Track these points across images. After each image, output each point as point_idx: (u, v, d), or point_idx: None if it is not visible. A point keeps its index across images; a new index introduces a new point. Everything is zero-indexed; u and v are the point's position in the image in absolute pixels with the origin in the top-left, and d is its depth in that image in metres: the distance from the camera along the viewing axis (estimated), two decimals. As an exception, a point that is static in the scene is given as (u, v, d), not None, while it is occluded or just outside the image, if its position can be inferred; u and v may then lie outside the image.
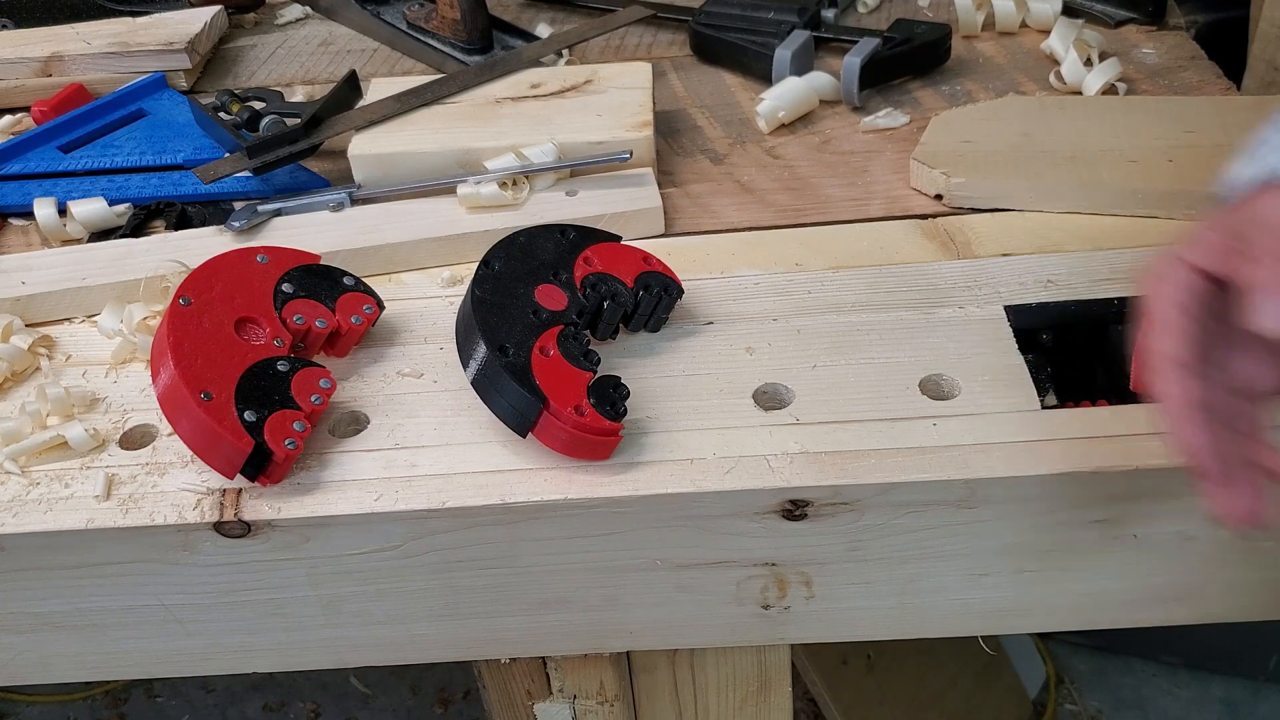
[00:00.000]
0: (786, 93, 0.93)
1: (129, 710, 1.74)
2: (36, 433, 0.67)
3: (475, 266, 0.67)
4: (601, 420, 0.61)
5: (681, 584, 0.65)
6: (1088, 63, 0.93)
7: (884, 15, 1.08)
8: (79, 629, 0.67)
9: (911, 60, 0.96)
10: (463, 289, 0.74)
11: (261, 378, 0.63)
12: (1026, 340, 0.69)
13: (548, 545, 0.63)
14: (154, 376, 0.63)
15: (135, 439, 0.67)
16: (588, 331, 0.68)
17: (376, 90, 0.91)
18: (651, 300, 0.70)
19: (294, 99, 0.99)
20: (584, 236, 0.72)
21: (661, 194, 0.82)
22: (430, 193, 0.83)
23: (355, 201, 0.83)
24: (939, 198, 0.81)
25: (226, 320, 0.65)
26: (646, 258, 0.72)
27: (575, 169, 0.83)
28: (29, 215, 0.88)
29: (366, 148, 0.85)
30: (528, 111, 0.87)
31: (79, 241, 0.85)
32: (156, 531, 0.62)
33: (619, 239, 0.73)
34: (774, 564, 0.64)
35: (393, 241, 0.79)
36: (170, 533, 0.62)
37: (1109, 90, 0.91)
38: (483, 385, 0.63)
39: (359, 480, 0.63)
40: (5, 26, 1.15)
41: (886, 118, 0.92)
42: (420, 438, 0.65)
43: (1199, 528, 0.62)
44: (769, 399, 0.66)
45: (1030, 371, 0.66)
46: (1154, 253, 0.55)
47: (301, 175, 0.88)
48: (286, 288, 0.69)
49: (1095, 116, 0.86)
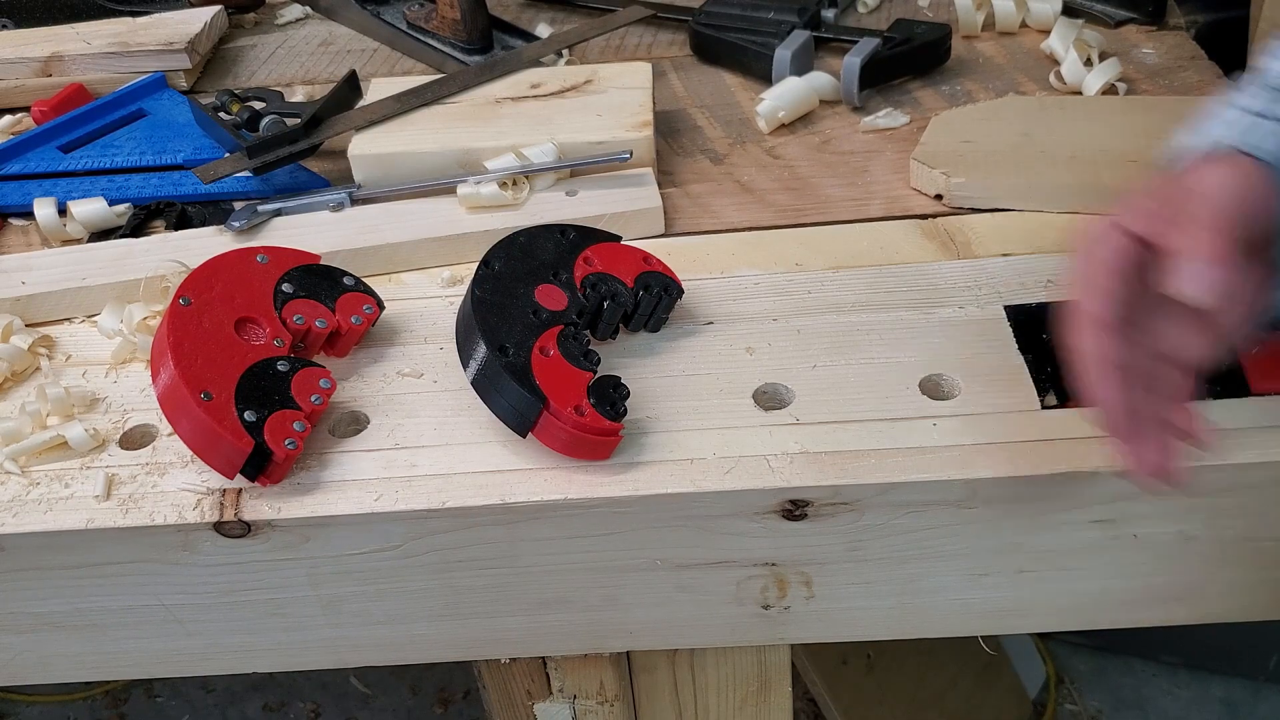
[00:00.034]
0: (786, 93, 0.93)
1: (129, 710, 1.74)
2: (36, 433, 0.67)
3: (475, 266, 0.67)
4: (601, 420, 0.61)
5: (681, 584, 0.65)
6: (1088, 63, 0.93)
7: (884, 15, 1.08)
8: (79, 629, 0.67)
9: (911, 60, 0.96)
10: (463, 289, 0.74)
11: (261, 378, 0.63)
12: (1026, 340, 0.69)
13: (548, 545, 0.63)
14: (154, 376, 0.63)
15: (135, 439, 0.67)
16: (588, 331, 0.68)
17: (376, 90, 0.91)
18: (651, 300, 0.70)
19: (294, 99, 0.99)
20: (584, 236, 0.72)
21: (661, 194, 0.82)
22: (430, 193, 0.83)
23: (355, 201, 0.83)
24: (939, 198, 0.81)
25: (226, 320, 0.65)
26: (646, 258, 0.72)
27: (575, 169, 0.83)
28: (29, 215, 0.88)
29: (366, 148, 0.85)
30: (528, 111, 0.87)
31: (79, 241, 0.85)
32: (156, 531, 0.62)
33: (619, 239, 0.73)
34: (774, 564, 0.64)
35: (393, 241, 0.79)
36: (170, 533, 0.62)
37: (1109, 90, 0.91)
38: (483, 385, 0.63)
39: (359, 480, 0.63)
40: (5, 26, 1.15)
41: (886, 118, 0.92)
42: (420, 438, 0.65)
43: (1199, 528, 0.62)
44: (769, 399, 0.66)
45: (1030, 371, 0.66)
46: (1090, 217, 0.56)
47: (301, 175, 0.88)
48: (286, 288, 0.69)
49: (1095, 116, 0.86)
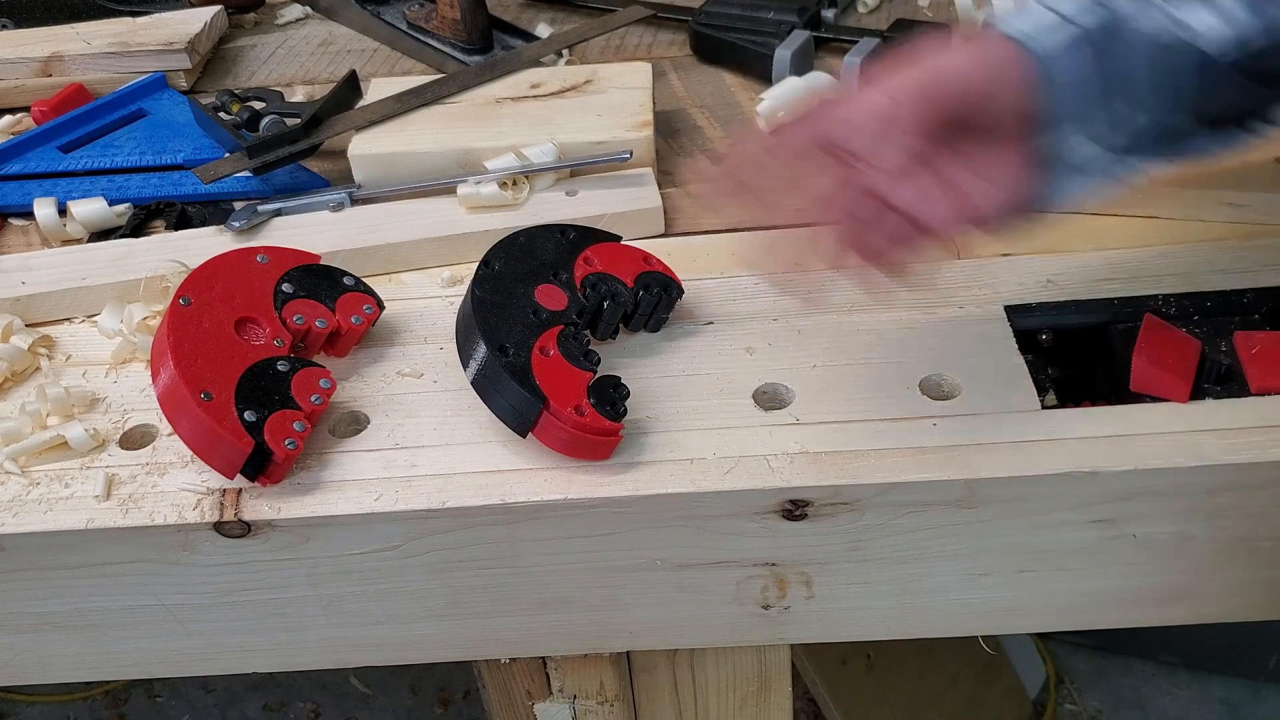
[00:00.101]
0: (786, 93, 0.93)
1: (129, 710, 1.74)
2: (36, 433, 0.67)
3: (475, 266, 0.67)
4: (601, 420, 0.61)
5: (681, 584, 0.65)
6: (1088, 63, 0.93)
7: (884, 15, 1.08)
8: (79, 629, 0.67)
9: (911, 60, 0.96)
10: (463, 289, 0.74)
11: (261, 378, 0.63)
12: (1026, 340, 0.69)
13: (548, 545, 0.63)
14: (154, 376, 0.63)
15: (135, 439, 0.67)
16: (588, 331, 0.68)
17: (376, 90, 0.91)
18: (651, 300, 0.70)
19: (294, 99, 0.99)
20: (584, 236, 0.72)
21: (661, 194, 0.82)
22: (430, 193, 0.83)
23: (355, 201, 0.83)
24: (939, 198, 0.81)
25: (226, 320, 0.65)
26: (646, 258, 0.72)
27: (575, 169, 0.83)
28: (29, 215, 0.88)
29: (366, 148, 0.85)
30: (528, 111, 0.87)
31: (79, 241, 0.85)
32: (156, 531, 0.62)
33: (619, 239, 0.73)
34: (774, 564, 0.64)
35: (393, 241, 0.79)
36: (170, 533, 0.62)
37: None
38: (483, 385, 0.63)
39: (359, 480, 0.63)
40: (5, 26, 1.15)
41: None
42: (420, 438, 0.65)
43: (1198, 528, 0.62)
44: (769, 399, 0.66)
45: (1030, 371, 0.66)
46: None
47: (301, 175, 0.88)
48: (286, 288, 0.69)
49: (1095, 116, 0.86)
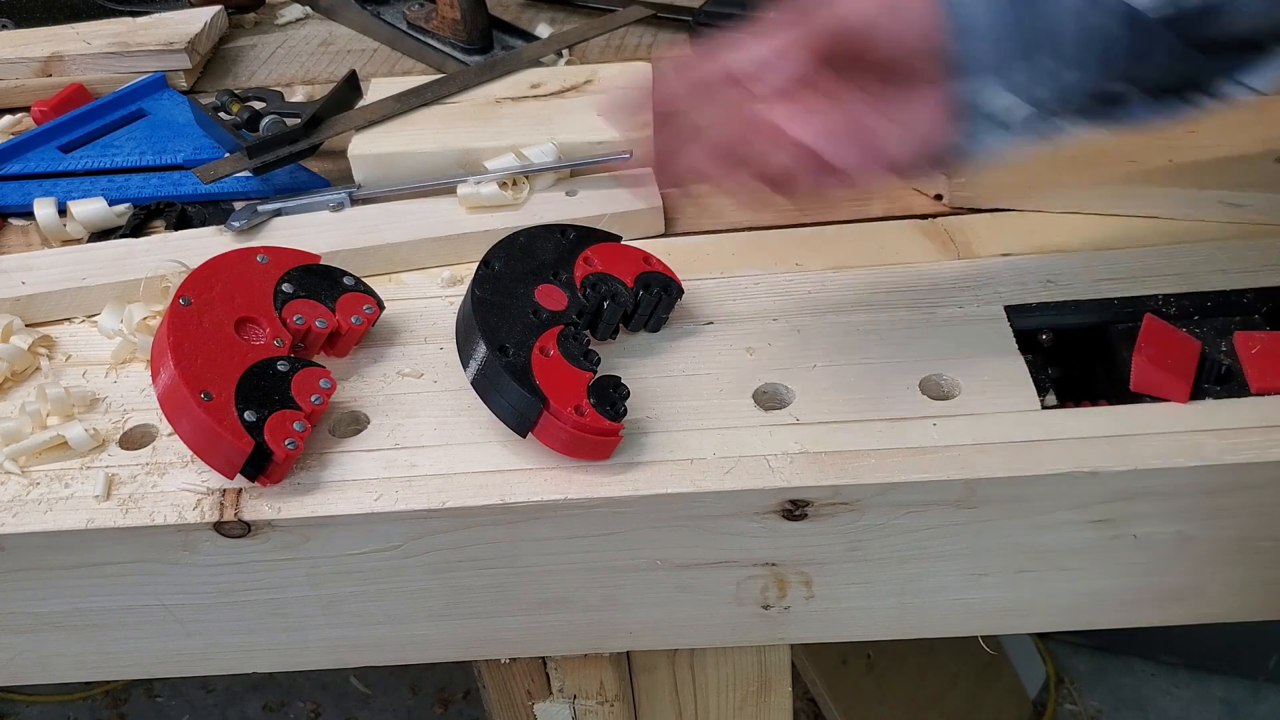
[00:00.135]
0: (786, 93, 0.93)
1: (129, 710, 1.74)
2: (36, 433, 0.67)
3: (475, 266, 0.67)
4: (601, 420, 0.61)
5: (681, 584, 0.65)
6: (1088, 63, 0.93)
7: (884, 15, 1.08)
8: (79, 629, 0.67)
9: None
10: (463, 289, 0.74)
11: (261, 378, 0.63)
12: (1026, 340, 0.69)
13: (548, 545, 0.63)
14: (154, 376, 0.63)
15: (135, 439, 0.67)
16: (588, 331, 0.68)
17: (376, 90, 0.91)
18: (651, 300, 0.70)
19: (294, 99, 0.99)
20: (584, 236, 0.72)
21: (661, 194, 0.82)
22: (430, 193, 0.83)
23: (355, 201, 0.83)
24: (939, 198, 0.81)
25: (226, 320, 0.65)
26: (646, 258, 0.72)
27: (575, 169, 0.83)
28: (29, 215, 0.88)
29: (366, 148, 0.85)
30: (528, 111, 0.87)
31: (79, 241, 0.85)
32: (156, 531, 0.62)
33: (619, 239, 0.73)
34: (774, 564, 0.64)
35: (393, 241, 0.79)
36: (170, 533, 0.62)
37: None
38: (483, 385, 0.63)
39: (359, 480, 0.63)
40: (5, 26, 1.15)
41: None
42: (420, 438, 0.65)
43: (1199, 528, 0.62)
44: (769, 399, 0.66)
45: (1030, 371, 0.66)
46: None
47: (301, 175, 0.88)
48: (286, 288, 0.69)
49: (1095, 116, 0.86)
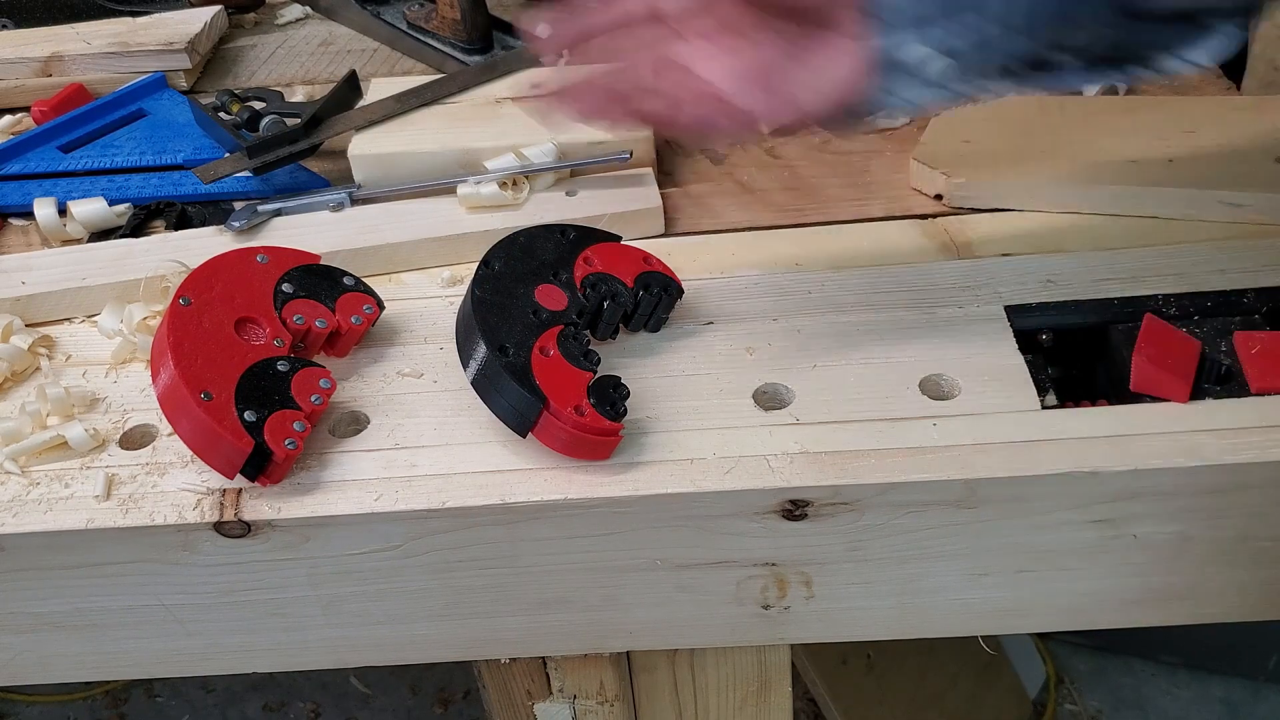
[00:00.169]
0: (786, 93, 0.93)
1: (129, 710, 1.74)
2: (36, 433, 0.67)
3: (475, 266, 0.67)
4: (601, 420, 0.61)
5: (681, 584, 0.65)
6: (1088, 63, 0.93)
7: (884, 15, 1.08)
8: (79, 629, 0.67)
9: (911, 60, 0.96)
10: (463, 289, 0.74)
11: (261, 378, 0.63)
12: (1026, 340, 0.69)
13: (548, 545, 0.63)
14: (154, 376, 0.63)
15: (135, 439, 0.67)
16: (588, 331, 0.68)
17: (376, 90, 0.91)
18: (651, 300, 0.70)
19: (294, 99, 0.99)
20: (584, 236, 0.72)
21: (661, 194, 0.82)
22: (430, 193, 0.83)
23: (355, 201, 0.83)
24: (939, 198, 0.81)
25: (226, 320, 0.65)
26: (646, 258, 0.72)
27: (575, 169, 0.83)
28: (29, 215, 0.88)
29: (366, 148, 0.85)
30: (528, 111, 0.87)
31: (79, 241, 0.85)
32: (156, 531, 0.62)
33: (619, 239, 0.73)
34: (774, 564, 0.64)
35: (393, 241, 0.79)
36: (170, 533, 0.62)
37: (1109, 90, 0.91)
38: (483, 385, 0.63)
39: (359, 480, 0.63)
40: (5, 26, 1.15)
41: (886, 118, 0.92)
42: (420, 438, 0.65)
43: (1199, 528, 0.62)
44: (769, 399, 0.66)
45: (1030, 371, 0.66)
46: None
47: (301, 175, 0.88)
48: (286, 288, 0.69)
49: (1095, 116, 0.86)
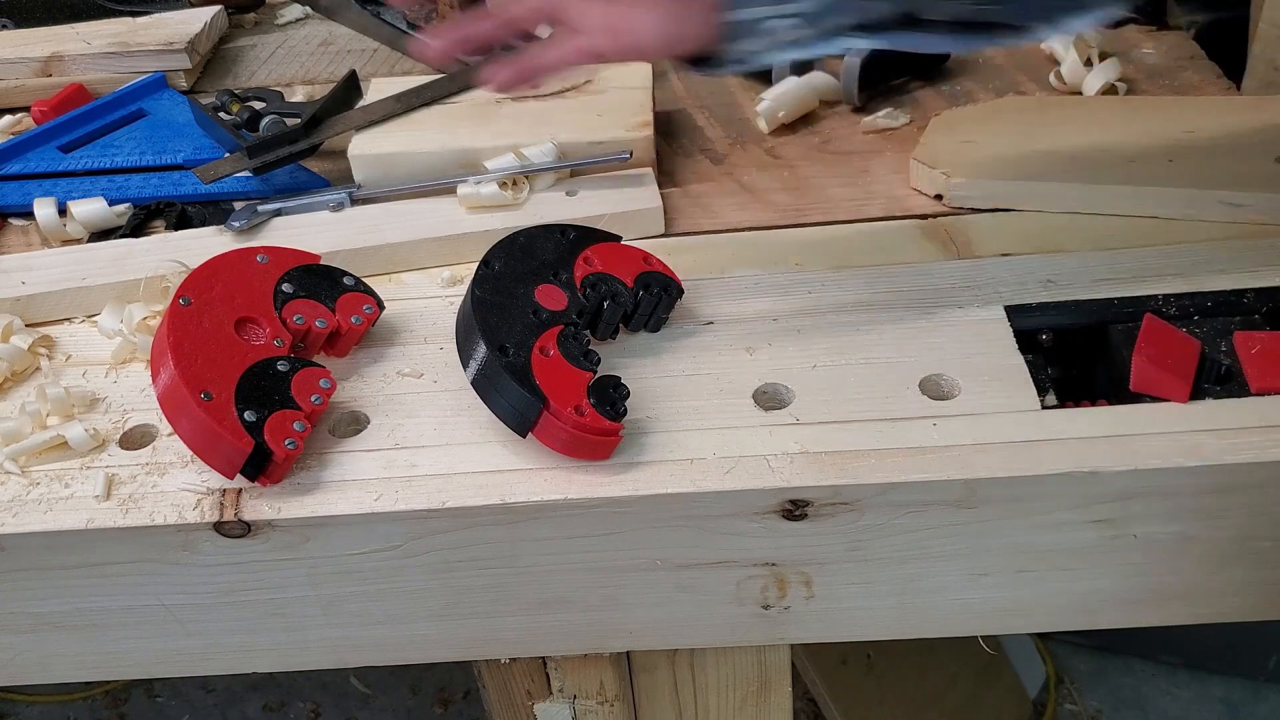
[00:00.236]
0: (786, 93, 0.93)
1: (129, 710, 1.73)
2: (36, 433, 0.67)
3: (475, 266, 0.67)
4: (601, 420, 0.61)
5: (681, 584, 0.65)
6: (1088, 63, 0.93)
7: (884, 15, 1.08)
8: (79, 629, 0.67)
9: (911, 60, 0.96)
10: (463, 289, 0.74)
11: (261, 378, 0.63)
12: (1026, 340, 0.69)
13: (548, 545, 0.63)
14: (154, 376, 0.63)
15: (135, 439, 0.67)
16: (588, 331, 0.68)
17: (376, 90, 0.91)
18: (651, 300, 0.70)
19: (294, 99, 0.99)
20: (584, 236, 0.72)
21: (661, 194, 0.82)
22: (430, 193, 0.83)
23: (355, 201, 0.83)
24: (939, 198, 0.81)
25: (226, 320, 0.65)
26: (646, 258, 0.72)
27: (575, 169, 0.83)
28: (29, 215, 0.88)
29: (366, 148, 0.85)
30: (528, 111, 0.87)
31: (79, 241, 0.85)
32: (156, 531, 0.62)
33: (619, 239, 0.73)
34: (774, 564, 0.64)
35: (393, 241, 0.79)
36: (170, 533, 0.62)
37: (1109, 90, 0.91)
38: (483, 385, 0.63)
39: (359, 480, 0.63)
40: (5, 26, 1.15)
41: (886, 118, 0.92)
42: (420, 438, 0.65)
43: (1199, 528, 0.62)
44: (769, 399, 0.66)
45: (1030, 371, 0.66)
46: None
47: (301, 175, 0.88)
48: (286, 288, 0.69)
49: (1095, 116, 0.86)
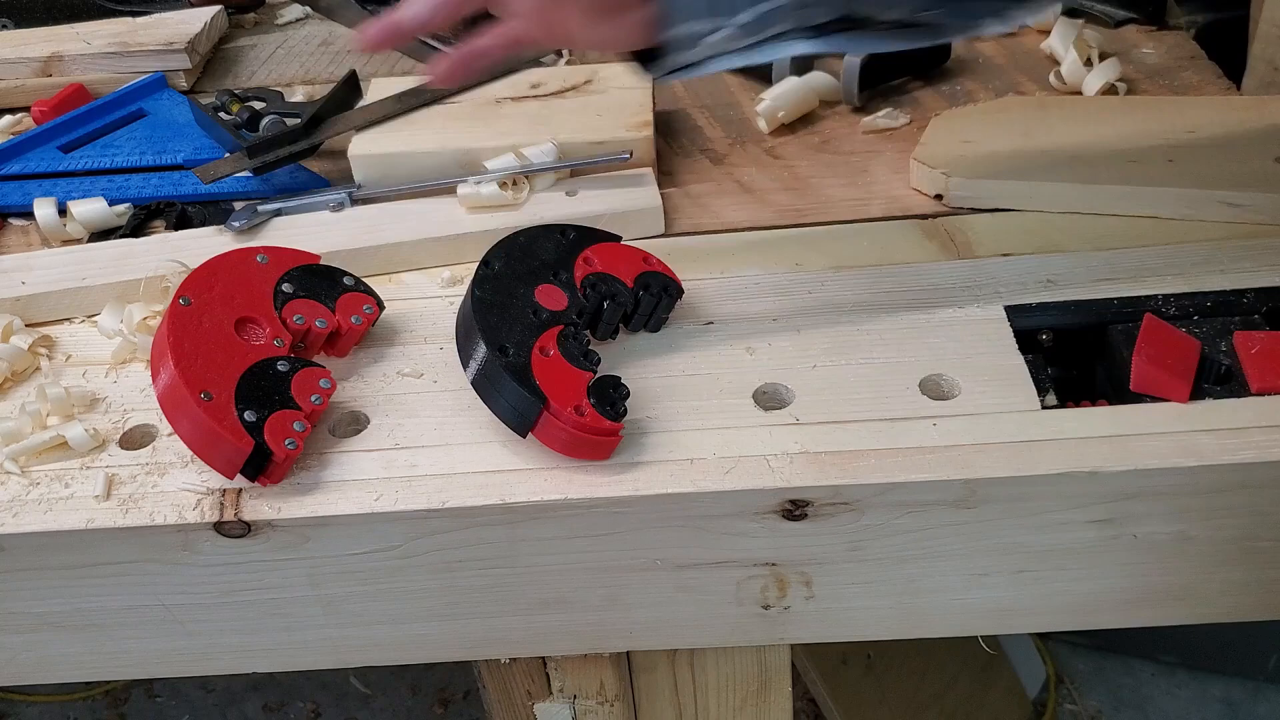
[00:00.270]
0: (786, 93, 0.93)
1: (129, 710, 1.74)
2: (36, 433, 0.67)
3: (475, 266, 0.67)
4: (601, 420, 0.61)
5: (682, 584, 0.65)
6: (1088, 63, 0.93)
7: (884, 15, 1.08)
8: (79, 629, 0.67)
9: (911, 60, 0.96)
10: (463, 289, 0.74)
11: (261, 378, 0.63)
12: (1026, 340, 0.69)
13: (548, 545, 0.63)
14: (154, 376, 0.63)
15: (135, 439, 0.67)
16: (588, 331, 0.68)
17: (376, 90, 0.91)
18: (651, 300, 0.70)
19: (294, 99, 0.99)
20: (584, 236, 0.72)
21: (661, 194, 0.82)
22: (430, 193, 0.83)
23: (355, 201, 0.83)
24: (939, 198, 0.81)
25: (226, 320, 0.65)
26: (646, 258, 0.72)
27: (575, 169, 0.83)
28: (29, 215, 0.88)
29: (366, 148, 0.85)
30: (528, 111, 0.87)
31: (79, 241, 0.85)
32: (156, 531, 0.62)
33: (619, 239, 0.73)
34: (774, 564, 0.64)
35: (393, 241, 0.79)
36: (170, 533, 0.62)
37: (1109, 90, 0.91)
38: (483, 385, 0.63)
39: (359, 480, 0.63)
40: (5, 26, 1.15)
41: (886, 118, 0.92)
42: (420, 438, 0.65)
43: (1199, 528, 0.62)
44: (769, 399, 0.66)
45: (1030, 371, 0.66)
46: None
47: (301, 175, 0.88)
48: (286, 288, 0.69)
49: (1095, 116, 0.86)
